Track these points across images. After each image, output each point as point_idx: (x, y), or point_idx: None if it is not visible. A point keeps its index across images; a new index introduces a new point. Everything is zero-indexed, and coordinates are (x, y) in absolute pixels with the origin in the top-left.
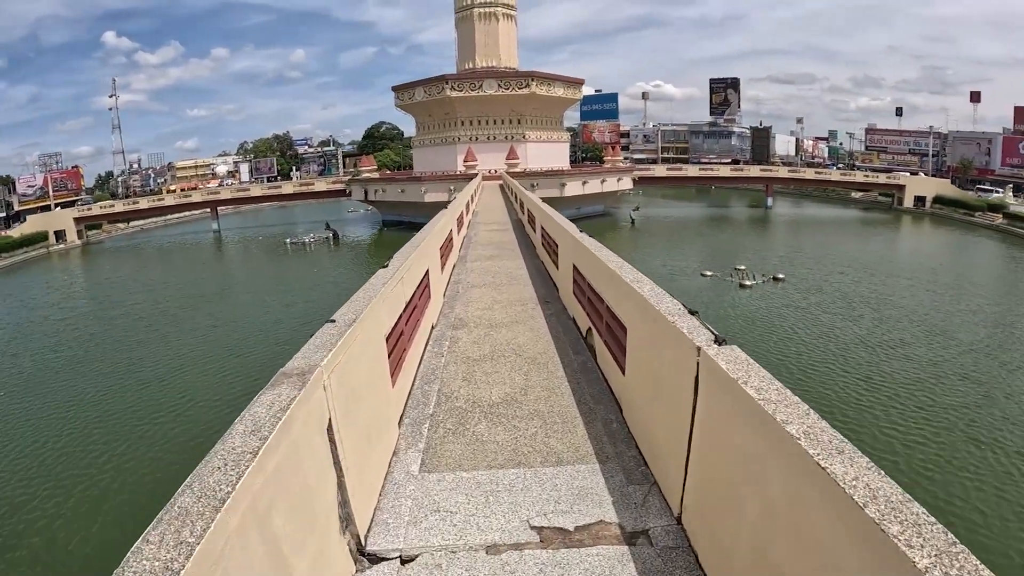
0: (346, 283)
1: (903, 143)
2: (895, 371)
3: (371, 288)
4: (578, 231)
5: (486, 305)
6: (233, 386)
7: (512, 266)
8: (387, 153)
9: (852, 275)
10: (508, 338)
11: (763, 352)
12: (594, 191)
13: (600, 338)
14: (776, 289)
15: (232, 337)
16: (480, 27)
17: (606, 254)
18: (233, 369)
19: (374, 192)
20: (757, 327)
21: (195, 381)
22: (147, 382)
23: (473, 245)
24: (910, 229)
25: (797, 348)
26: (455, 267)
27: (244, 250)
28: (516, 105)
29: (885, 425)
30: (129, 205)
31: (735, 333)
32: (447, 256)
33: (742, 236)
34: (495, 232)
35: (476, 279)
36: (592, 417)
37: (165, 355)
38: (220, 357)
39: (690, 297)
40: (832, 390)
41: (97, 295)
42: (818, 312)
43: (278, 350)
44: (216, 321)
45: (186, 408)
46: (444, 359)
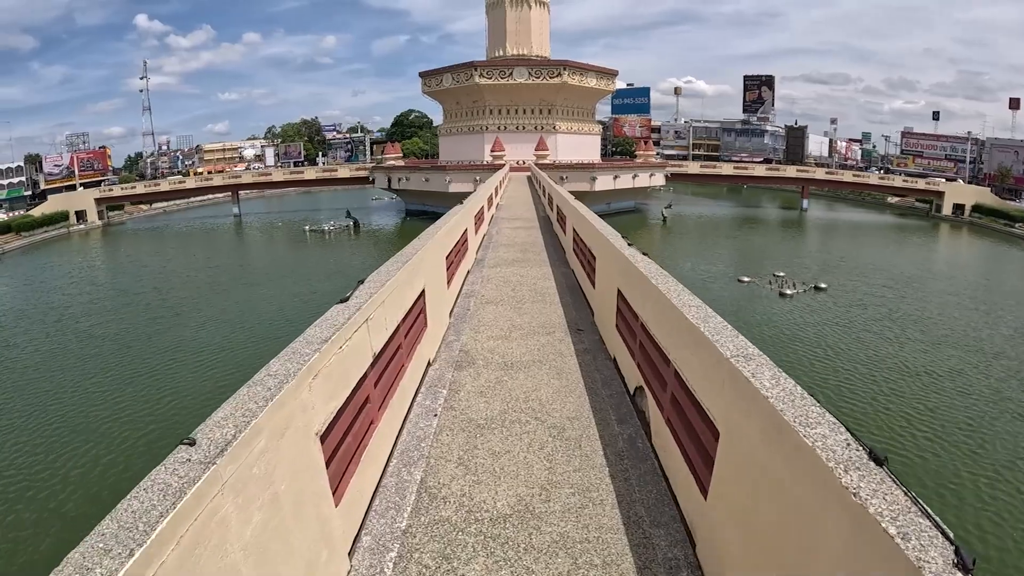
0: (363, 274)
1: (939, 148)
2: (950, 406)
3: (300, 352)
4: (624, 243)
5: (502, 331)
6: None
7: (537, 275)
8: (415, 141)
9: (896, 289)
10: (527, 388)
11: (807, 375)
12: (625, 186)
13: (659, 412)
14: (817, 300)
15: (216, 341)
16: (512, 14)
17: (675, 289)
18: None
19: (398, 180)
20: (799, 344)
21: (148, 390)
22: (122, 384)
23: (493, 246)
24: (951, 239)
25: (843, 373)
26: (469, 274)
27: (262, 236)
28: (547, 95)
29: (952, 479)
30: (150, 187)
31: (776, 349)
32: (458, 263)
33: (777, 239)
34: (520, 230)
35: (493, 292)
36: (647, 551)
37: (151, 352)
38: (184, 371)
39: (728, 305)
40: (883, 425)
41: (104, 282)
42: (863, 331)
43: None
44: (208, 318)
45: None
46: (437, 422)
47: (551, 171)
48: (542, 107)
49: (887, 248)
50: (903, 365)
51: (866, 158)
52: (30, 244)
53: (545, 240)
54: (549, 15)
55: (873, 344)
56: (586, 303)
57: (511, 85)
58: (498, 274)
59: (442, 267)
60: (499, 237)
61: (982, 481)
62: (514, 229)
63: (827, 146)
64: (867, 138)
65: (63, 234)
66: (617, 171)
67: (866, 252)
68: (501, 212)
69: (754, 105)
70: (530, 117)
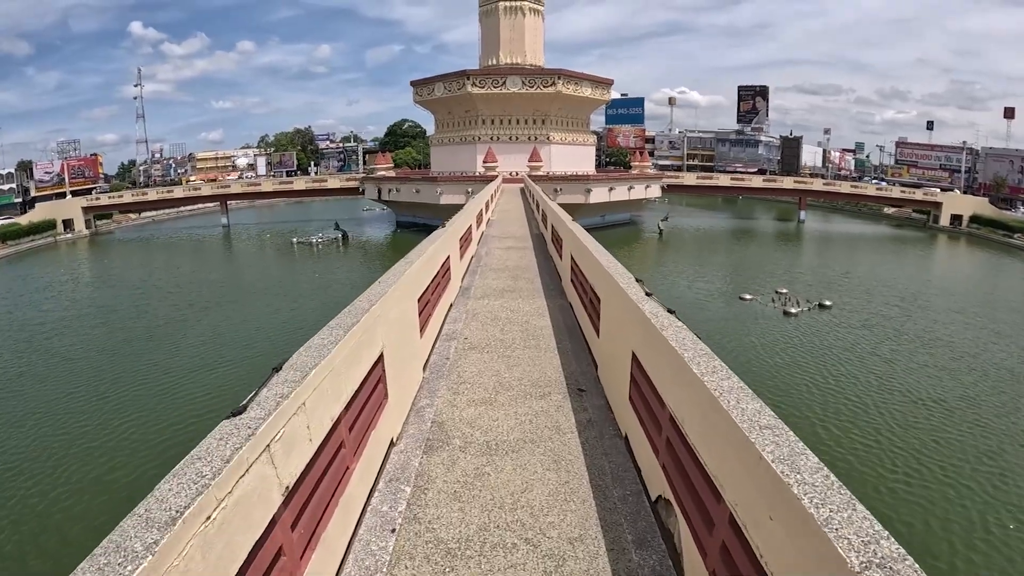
0: (345, 292)
1: (934, 158)
2: (963, 441)
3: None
4: (640, 289)
5: (486, 392)
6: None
7: (530, 310)
8: (408, 151)
9: (901, 307)
10: (516, 487)
11: (819, 407)
12: (620, 199)
13: (694, 540)
14: (823, 319)
15: (188, 368)
16: (505, 22)
17: (727, 385)
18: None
19: (388, 191)
20: (808, 371)
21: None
22: (82, 414)
23: (482, 271)
24: (950, 251)
25: (852, 404)
26: (452, 307)
27: (249, 248)
28: (541, 104)
29: (966, 523)
30: (138, 196)
31: (788, 377)
32: (436, 300)
33: (776, 252)
34: (511, 250)
35: (478, 334)
36: None
37: (119, 379)
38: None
39: (731, 324)
40: (896, 461)
41: (82, 297)
42: (871, 354)
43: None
44: (183, 343)
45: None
46: (395, 543)
47: (545, 183)
48: (536, 117)
49: (888, 262)
50: (913, 393)
51: (859, 168)
52: (16, 253)
53: (539, 263)
54: (544, 23)
55: (881, 371)
56: (587, 349)
57: (504, 94)
58: (485, 308)
59: (413, 313)
60: (488, 259)
61: (1002, 529)
62: (505, 250)
63: (821, 156)
64: (860, 148)
65: (50, 243)
66: (612, 183)
67: (868, 266)
68: (492, 229)
69: (748, 115)
70: (524, 127)
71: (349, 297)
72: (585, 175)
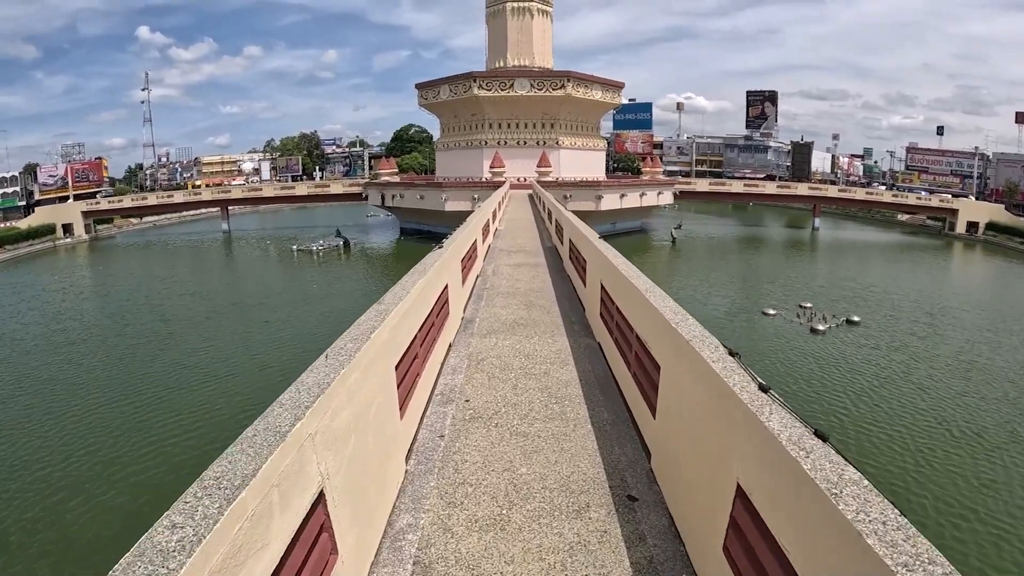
0: (344, 304)
1: (945, 163)
2: (1011, 481)
3: None
4: (702, 333)
5: (495, 505)
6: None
7: (549, 353)
8: (415, 156)
9: (931, 323)
10: None
11: (852, 439)
12: (632, 205)
13: None
14: (852, 338)
15: (165, 397)
16: (513, 23)
17: None
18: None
19: (391, 197)
20: (843, 398)
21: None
22: (51, 440)
23: (488, 296)
24: (971, 260)
25: (891, 436)
26: (451, 351)
27: (248, 255)
28: (550, 108)
29: None
30: (138, 200)
31: (822, 404)
32: (426, 355)
33: (793, 261)
34: (522, 268)
35: (484, 395)
36: None
37: (94, 403)
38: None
39: (758, 344)
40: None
41: (68, 309)
42: (905, 380)
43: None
44: (166, 365)
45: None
46: None
47: (554, 189)
48: (544, 121)
49: (910, 272)
50: (950, 425)
51: (868, 174)
52: (14, 258)
53: (555, 283)
54: (552, 25)
55: (917, 399)
56: (630, 421)
57: (512, 97)
58: (493, 350)
59: (388, 387)
60: (496, 280)
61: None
62: (515, 267)
63: (829, 162)
64: (869, 154)
65: (49, 248)
66: (624, 189)
67: (890, 277)
68: (500, 241)
69: (757, 121)
70: (532, 131)
71: (347, 310)
72: (596, 181)
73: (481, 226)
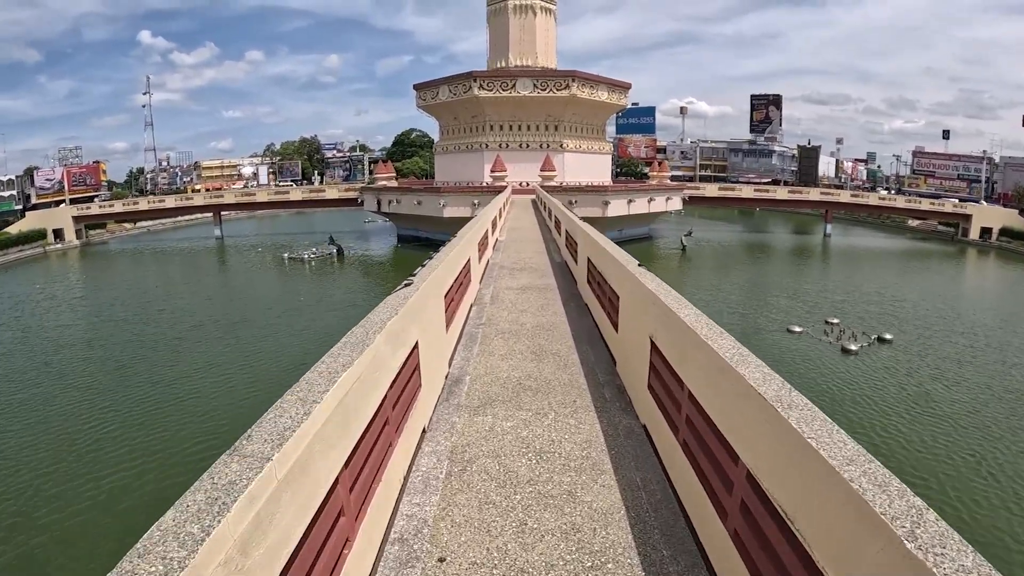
0: (331, 323)
1: (952, 168)
2: None
3: None
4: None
5: None
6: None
7: (572, 448)
8: (416, 160)
9: (969, 345)
10: None
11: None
12: (640, 211)
13: None
14: (886, 359)
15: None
16: (515, 21)
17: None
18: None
19: (388, 203)
20: (883, 434)
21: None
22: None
23: (484, 338)
24: (992, 267)
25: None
26: (425, 436)
27: (239, 263)
28: (553, 109)
29: None
30: (129, 205)
31: (863, 440)
32: (397, 437)
33: (809, 270)
34: (528, 293)
35: (468, 554)
36: None
37: (44, 437)
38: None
39: (789, 368)
40: None
41: (37, 325)
42: (948, 413)
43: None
44: (131, 396)
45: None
46: None
47: (558, 194)
48: (548, 123)
49: (932, 282)
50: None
51: (871, 178)
52: (3, 264)
53: (570, 317)
54: (556, 24)
55: (965, 440)
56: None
57: (514, 98)
58: (486, 442)
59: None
60: (495, 312)
61: None
62: (519, 292)
63: (833, 167)
64: (872, 158)
65: (39, 254)
66: (632, 194)
67: (914, 288)
68: (500, 255)
69: (761, 125)
70: (535, 134)
71: (332, 329)
72: (603, 186)
73: (477, 240)
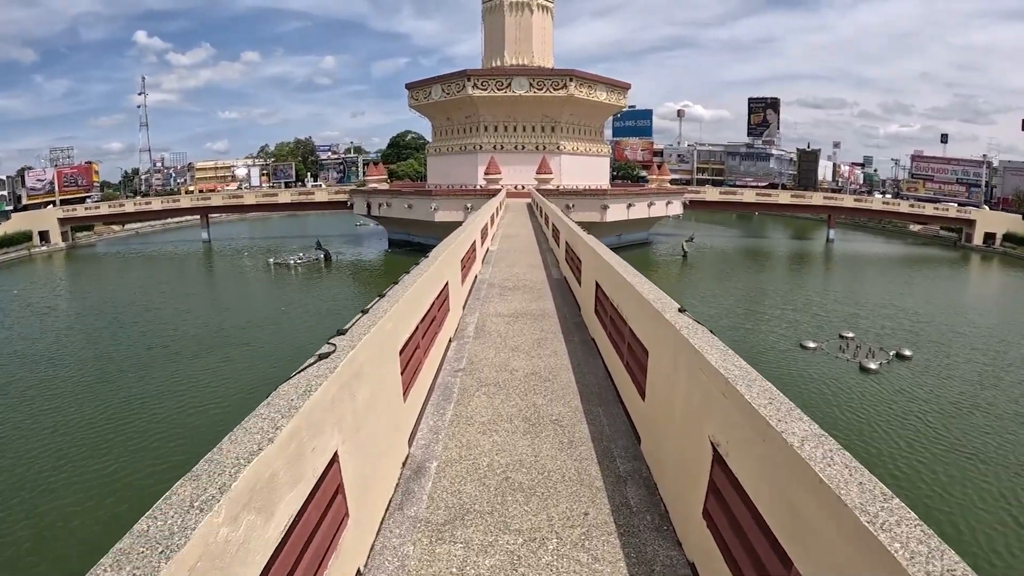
0: (303, 341)
1: (950, 172)
2: None
3: None
4: None
5: None
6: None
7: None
8: (411, 163)
9: (994, 360)
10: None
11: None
12: (640, 216)
13: None
14: (907, 378)
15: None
16: (511, 19)
17: None
18: None
19: (378, 206)
20: (909, 468)
21: None
22: None
23: (460, 393)
24: (998, 274)
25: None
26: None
27: (223, 269)
28: (550, 109)
29: None
30: (115, 207)
31: (888, 478)
32: None
33: (815, 278)
34: (521, 322)
35: None
36: None
37: None
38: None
39: (804, 390)
40: None
41: (4, 338)
42: (977, 446)
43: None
44: (80, 423)
45: None
46: None
47: (555, 198)
48: (545, 123)
49: (942, 290)
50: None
51: (867, 182)
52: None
53: (573, 357)
54: (553, 23)
55: (995, 474)
56: None
57: (509, 98)
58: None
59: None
60: (479, 351)
61: None
62: (510, 321)
63: (831, 170)
64: (869, 162)
65: (24, 256)
66: (631, 198)
67: (925, 298)
68: (490, 270)
69: (759, 128)
70: (531, 135)
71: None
72: (601, 190)
73: (460, 256)
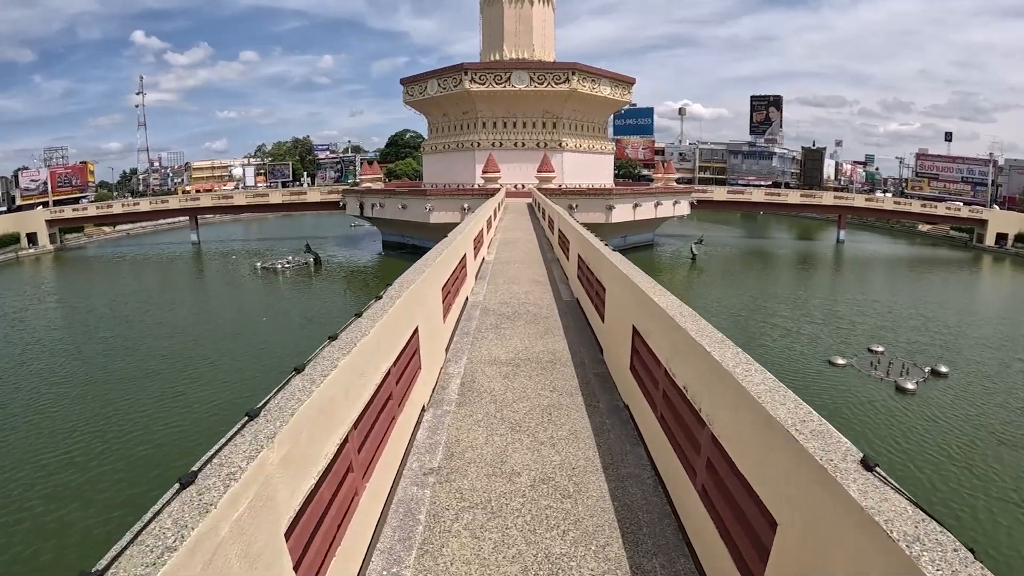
0: (280, 360)
1: (956, 170)
2: None
3: None
4: None
5: None
6: None
7: None
8: (408, 162)
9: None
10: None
11: None
12: (646, 216)
13: None
14: (947, 399)
15: None
16: (510, 11)
17: None
18: None
19: (371, 206)
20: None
21: None
22: None
23: (429, 535)
24: (1015, 277)
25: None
26: None
27: (210, 273)
28: (552, 105)
29: None
30: (102, 209)
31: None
32: None
33: (829, 283)
34: (524, 376)
35: None
36: None
37: None
38: None
39: (838, 413)
40: None
41: None
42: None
43: None
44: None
45: None
46: None
47: (557, 197)
48: (546, 120)
49: (968, 298)
50: None
51: (869, 180)
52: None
53: (601, 447)
54: (554, 15)
55: None
56: None
57: (509, 92)
58: None
59: None
60: (461, 432)
61: None
62: (509, 373)
63: (833, 169)
64: (870, 160)
65: (11, 259)
66: (638, 198)
67: (951, 306)
68: (485, 288)
69: (761, 126)
70: (531, 132)
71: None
72: (606, 189)
73: (441, 283)
